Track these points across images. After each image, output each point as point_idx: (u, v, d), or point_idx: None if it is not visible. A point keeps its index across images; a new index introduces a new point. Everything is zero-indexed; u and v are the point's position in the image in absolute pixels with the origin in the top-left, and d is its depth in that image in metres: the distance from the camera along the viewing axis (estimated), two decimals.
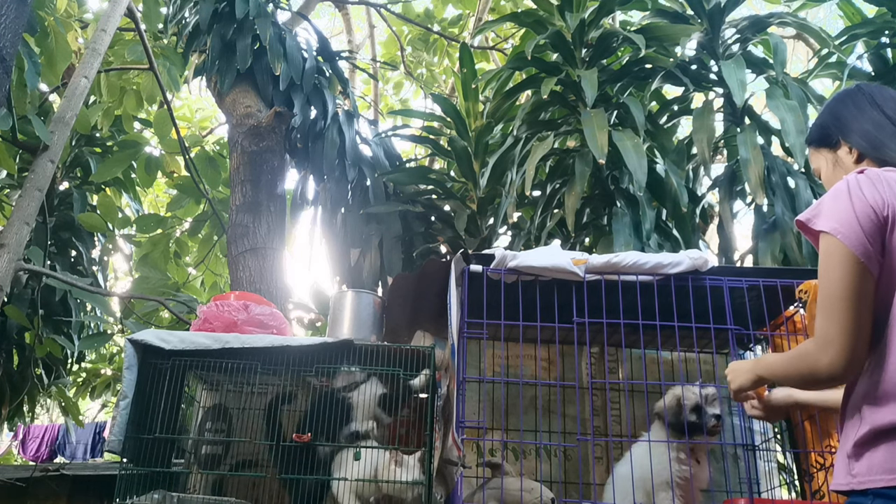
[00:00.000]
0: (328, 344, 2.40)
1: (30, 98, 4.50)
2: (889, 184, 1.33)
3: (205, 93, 6.05)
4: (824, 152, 1.56)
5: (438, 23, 8.15)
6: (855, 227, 1.30)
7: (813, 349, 1.33)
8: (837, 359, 1.29)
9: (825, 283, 1.33)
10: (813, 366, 1.33)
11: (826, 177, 1.56)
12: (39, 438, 9.81)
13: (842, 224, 1.31)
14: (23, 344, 5.81)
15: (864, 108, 1.51)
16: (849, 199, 1.33)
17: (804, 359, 1.35)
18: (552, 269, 2.32)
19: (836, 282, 1.31)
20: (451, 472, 2.35)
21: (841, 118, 1.54)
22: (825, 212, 1.35)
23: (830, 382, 1.35)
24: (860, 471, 1.27)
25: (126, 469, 2.26)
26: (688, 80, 3.59)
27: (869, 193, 1.32)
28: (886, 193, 1.31)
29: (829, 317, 1.31)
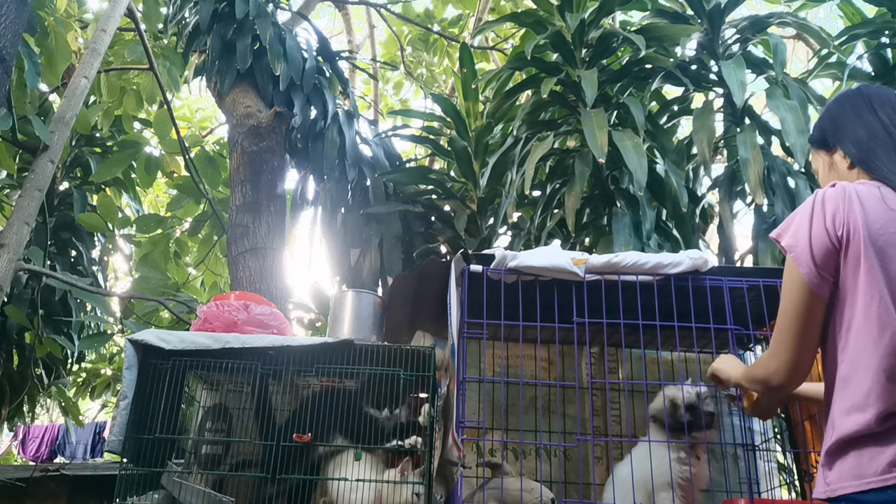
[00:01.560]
0: (328, 344, 2.40)
1: (30, 98, 4.50)
2: (853, 201, 1.33)
3: (205, 93, 6.05)
4: (822, 154, 1.56)
5: (438, 23, 8.15)
6: (807, 250, 1.36)
7: (764, 358, 1.49)
8: (781, 369, 1.43)
9: (782, 297, 1.44)
10: (764, 374, 1.48)
11: (822, 179, 1.57)
12: (39, 438, 9.81)
13: (798, 244, 1.38)
14: (23, 344, 5.81)
15: (861, 114, 1.49)
16: (809, 218, 1.38)
17: (758, 366, 1.51)
18: (552, 269, 2.32)
19: (788, 299, 1.41)
20: (451, 472, 2.35)
21: (837, 122, 1.53)
22: (791, 227, 1.42)
23: (778, 390, 1.48)
24: (832, 479, 1.32)
25: (126, 469, 2.26)
26: (688, 81, 3.59)
27: (830, 212, 1.35)
28: (846, 213, 1.32)
29: (778, 330, 1.44)
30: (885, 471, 1.24)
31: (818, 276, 1.35)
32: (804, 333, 1.39)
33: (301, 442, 2.30)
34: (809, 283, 1.35)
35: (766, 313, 2.29)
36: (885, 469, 1.24)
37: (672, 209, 3.36)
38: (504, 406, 2.62)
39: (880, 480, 1.23)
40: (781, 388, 1.46)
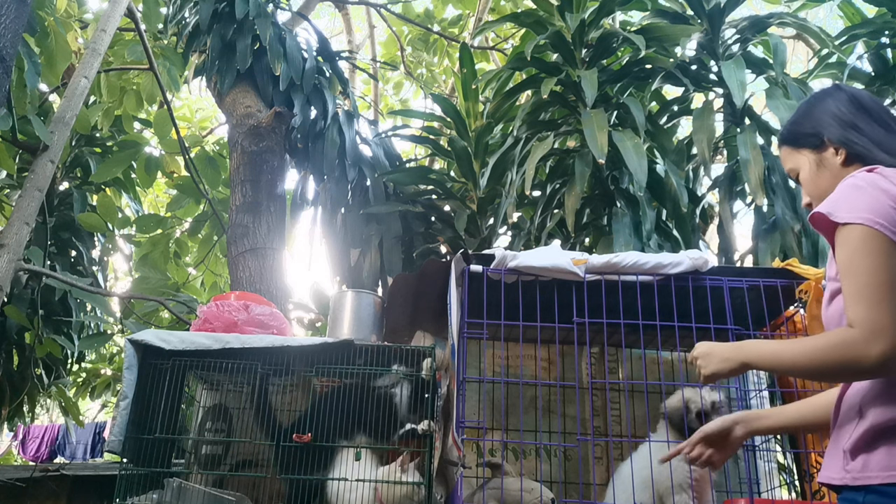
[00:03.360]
0: (328, 344, 2.40)
1: (30, 98, 4.49)
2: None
3: (205, 93, 6.05)
4: (805, 153, 1.52)
5: (438, 23, 8.15)
6: (891, 215, 1.26)
7: (858, 338, 1.22)
8: (890, 348, 1.19)
9: (863, 272, 1.25)
10: (858, 357, 1.21)
11: (807, 178, 1.52)
12: (39, 438, 9.81)
13: (876, 214, 1.26)
14: (23, 344, 5.81)
15: (849, 108, 1.49)
16: (877, 192, 1.29)
17: (842, 348, 1.23)
18: (552, 269, 2.33)
19: (881, 268, 1.23)
20: (451, 472, 2.35)
21: (823, 118, 1.51)
22: (848, 205, 1.30)
23: (880, 375, 1.24)
24: (855, 467, 1.27)
25: (126, 469, 2.26)
26: (688, 81, 3.59)
27: (892, 186, 1.29)
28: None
29: (876, 304, 1.22)
30: None
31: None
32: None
33: (301, 442, 2.30)
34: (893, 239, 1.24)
35: (766, 313, 2.30)
36: None
37: (672, 209, 3.36)
38: (504, 406, 2.62)
39: None
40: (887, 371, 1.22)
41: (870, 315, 1.22)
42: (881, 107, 1.50)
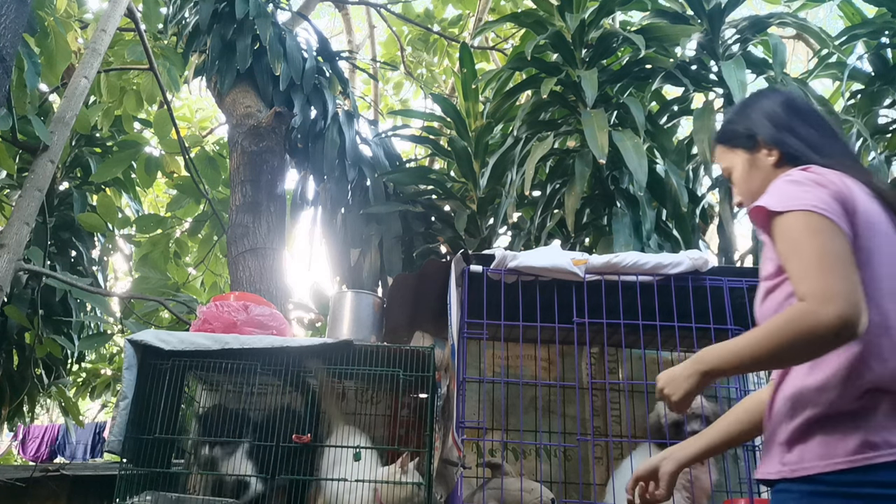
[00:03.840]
0: (328, 344, 2.40)
1: (30, 98, 4.49)
2: (841, 179, 1.33)
3: (205, 93, 6.05)
4: (739, 153, 1.53)
5: (438, 23, 8.15)
6: (832, 204, 1.27)
7: (810, 307, 1.19)
8: (847, 308, 1.17)
9: (810, 250, 1.23)
10: (813, 325, 1.18)
11: (739, 177, 1.53)
12: (39, 438, 9.81)
13: (818, 202, 1.27)
14: (23, 344, 5.81)
15: (782, 109, 1.51)
16: (810, 186, 1.30)
17: (797, 321, 1.20)
18: (552, 269, 2.32)
19: (826, 244, 1.23)
20: (451, 472, 2.35)
21: (758, 119, 1.52)
22: (787, 196, 1.31)
23: (839, 341, 1.20)
24: (792, 459, 1.27)
25: (126, 469, 2.26)
26: (688, 81, 3.59)
27: (835, 185, 1.31)
28: (842, 187, 1.31)
29: (824, 274, 1.20)
30: (854, 451, 1.21)
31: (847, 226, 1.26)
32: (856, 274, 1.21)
33: (301, 442, 2.30)
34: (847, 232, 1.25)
35: None
36: (853, 450, 1.21)
37: (672, 209, 3.36)
38: (504, 406, 2.62)
39: (848, 462, 1.20)
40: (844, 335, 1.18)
41: (819, 284, 1.20)
42: (814, 111, 1.52)
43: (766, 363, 1.31)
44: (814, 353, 1.24)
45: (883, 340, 1.25)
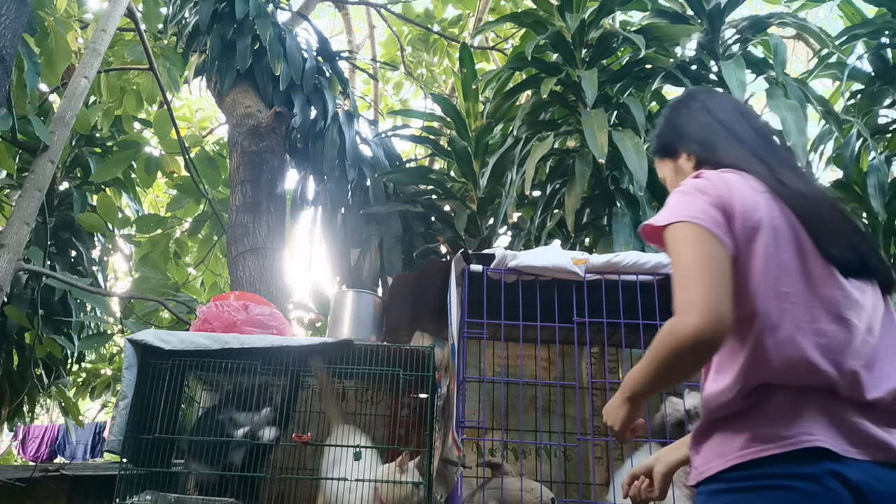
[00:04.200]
0: (328, 344, 2.40)
1: (30, 98, 4.49)
2: (727, 183, 1.36)
3: (205, 93, 6.05)
4: (667, 162, 1.59)
5: (438, 23, 8.15)
6: (707, 210, 1.30)
7: (673, 322, 1.23)
8: (704, 317, 1.19)
9: (681, 263, 1.27)
10: (678, 338, 1.21)
11: (670, 184, 1.58)
12: (39, 438, 9.80)
13: (696, 210, 1.30)
14: (23, 344, 5.81)
15: (697, 115, 1.55)
16: (693, 195, 1.34)
17: (665, 338, 1.23)
18: (552, 268, 2.32)
19: (693, 255, 1.26)
20: (451, 472, 2.35)
21: (676, 127, 1.57)
22: (669, 210, 1.34)
23: (703, 350, 1.21)
24: (698, 462, 1.30)
25: (126, 469, 2.26)
26: (688, 81, 3.58)
27: (717, 190, 1.34)
28: (725, 190, 1.34)
29: (687, 285, 1.24)
30: (743, 447, 1.23)
31: (727, 232, 1.29)
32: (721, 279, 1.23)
33: (301, 442, 2.30)
34: (721, 237, 1.28)
35: None
36: (742, 445, 1.23)
37: None
38: (504, 406, 2.62)
39: (738, 457, 1.23)
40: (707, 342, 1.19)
41: (682, 297, 1.24)
42: (726, 107, 1.55)
43: (663, 379, 1.32)
44: (686, 364, 1.26)
45: (766, 339, 1.26)
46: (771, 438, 1.22)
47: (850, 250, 1.33)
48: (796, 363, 1.24)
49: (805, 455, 1.19)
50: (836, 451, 1.19)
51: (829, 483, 1.17)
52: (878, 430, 1.23)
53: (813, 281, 1.29)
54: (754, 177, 1.38)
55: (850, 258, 1.32)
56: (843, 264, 1.31)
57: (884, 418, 1.25)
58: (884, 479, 1.19)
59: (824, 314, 1.27)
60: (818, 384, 1.24)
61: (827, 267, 1.30)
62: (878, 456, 1.21)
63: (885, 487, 1.19)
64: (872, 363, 1.27)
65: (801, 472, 1.18)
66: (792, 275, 1.29)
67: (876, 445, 1.22)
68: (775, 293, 1.28)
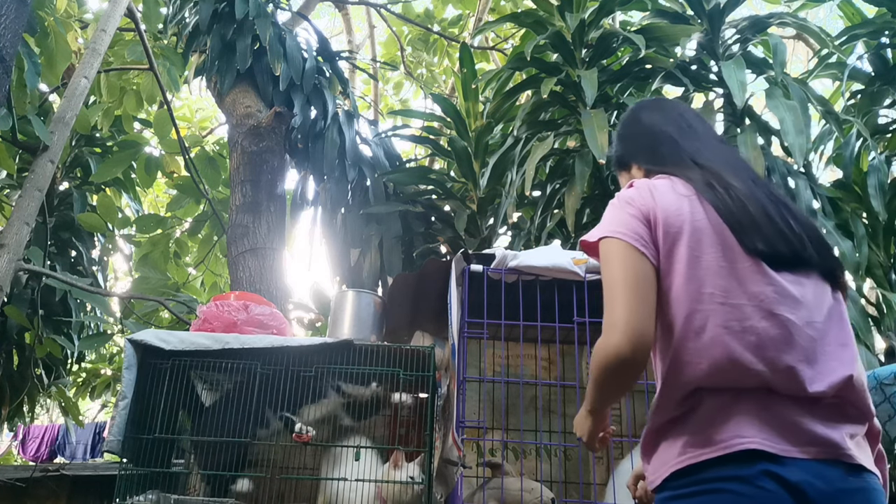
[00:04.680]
0: (328, 344, 2.40)
1: (30, 98, 4.49)
2: (651, 191, 1.39)
3: (205, 93, 6.05)
4: (624, 175, 1.63)
5: (438, 23, 8.15)
6: (630, 225, 1.34)
7: (599, 342, 1.28)
8: (623, 338, 1.24)
9: (607, 281, 1.32)
10: (603, 357, 1.26)
11: None
12: (39, 438, 9.80)
13: (620, 225, 1.35)
14: (23, 344, 5.80)
15: (642, 125, 1.60)
16: (620, 208, 1.38)
17: (595, 358, 1.29)
18: (552, 268, 2.32)
19: (616, 272, 1.30)
20: (451, 472, 2.35)
21: (624, 140, 1.63)
22: (601, 225, 1.39)
23: (627, 368, 1.26)
24: (648, 472, 1.31)
25: (126, 469, 2.26)
26: (688, 81, 3.58)
27: (641, 200, 1.37)
28: (649, 199, 1.37)
29: (610, 305, 1.28)
30: (680, 453, 1.23)
31: (648, 244, 1.33)
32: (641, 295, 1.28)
33: (301, 442, 2.30)
34: (642, 249, 1.31)
35: None
36: (680, 451, 1.24)
37: None
38: (504, 406, 2.62)
39: (676, 463, 1.23)
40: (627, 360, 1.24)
41: (606, 318, 1.28)
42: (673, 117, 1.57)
43: (605, 395, 1.38)
44: (616, 381, 1.30)
45: (689, 344, 1.27)
46: (705, 443, 1.22)
47: (781, 242, 1.31)
48: (724, 364, 1.24)
49: (739, 458, 1.18)
50: (772, 452, 1.18)
51: (764, 484, 1.16)
52: (820, 427, 1.21)
53: (741, 279, 1.28)
54: (684, 180, 1.40)
55: (781, 250, 1.31)
56: (771, 258, 1.30)
57: (829, 414, 1.23)
58: (827, 477, 1.17)
59: (754, 311, 1.26)
60: (752, 384, 1.24)
61: (756, 263, 1.29)
62: (821, 454, 1.19)
63: (828, 486, 1.16)
64: (814, 358, 1.25)
65: (734, 475, 1.18)
66: (717, 275, 1.29)
67: (818, 442, 1.20)
68: (699, 296, 1.28)
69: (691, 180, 1.40)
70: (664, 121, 1.56)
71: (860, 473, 1.20)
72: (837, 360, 1.26)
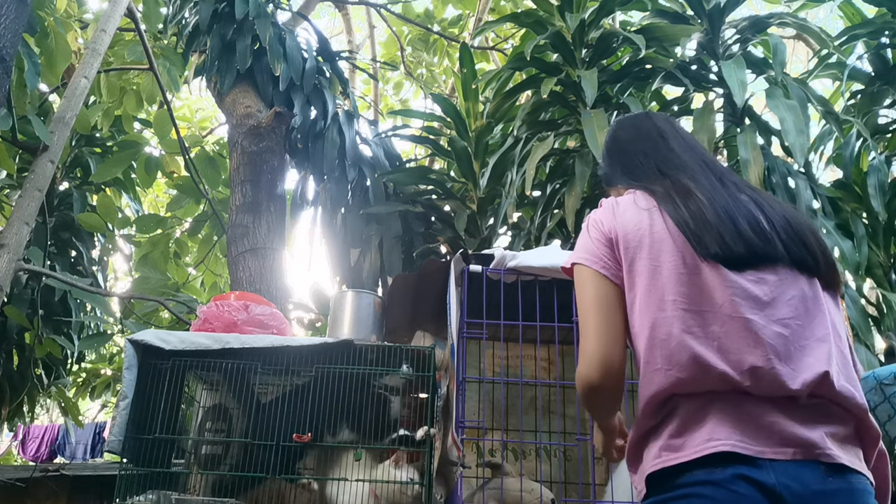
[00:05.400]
0: (328, 344, 2.40)
1: (30, 98, 4.49)
2: (614, 209, 1.43)
3: (205, 93, 6.05)
4: (612, 192, 1.65)
5: (438, 23, 8.15)
6: (593, 250, 1.39)
7: (579, 369, 1.35)
8: (591, 367, 1.32)
9: (580, 310, 1.39)
10: (580, 385, 1.35)
11: None
12: (39, 438, 9.80)
13: (585, 252, 1.40)
14: (23, 344, 5.81)
15: (615, 145, 1.64)
16: (587, 232, 1.44)
17: (577, 383, 1.37)
18: (552, 268, 2.32)
19: (586, 300, 1.37)
20: (450, 472, 2.35)
21: (607, 160, 1.66)
22: (575, 250, 1.44)
23: (600, 394, 1.34)
24: (634, 482, 1.32)
25: (126, 469, 2.26)
26: (688, 81, 3.59)
27: (604, 221, 1.42)
28: (611, 219, 1.41)
29: (584, 335, 1.35)
30: (655, 457, 1.24)
31: (611, 265, 1.37)
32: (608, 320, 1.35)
33: (301, 442, 2.29)
34: (605, 273, 1.36)
35: None
36: (655, 456, 1.24)
37: None
38: (504, 406, 2.62)
39: (651, 466, 1.24)
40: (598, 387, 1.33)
41: (581, 347, 1.36)
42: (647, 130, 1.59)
43: (595, 415, 1.48)
44: (596, 404, 1.40)
45: (657, 352, 1.28)
46: (678, 447, 1.22)
47: (739, 242, 1.30)
48: (692, 369, 1.24)
49: (712, 461, 1.17)
50: (746, 454, 1.16)
51: (737, 488, 1.14)
52: (798, 427, 1.18)
53: (701, 285, 1.29)
54: (648, 193, 1.43)
55: (738, 251, 1.30)
56: (728, 260, 1.29)
57: (807, 413, 1.21)
58: (803, 479, 1.14)
59: (715, 316, 1.26)
60: (724, 387, 1.23)
61: (714, 267, 1.29)
62: (797, 454, 1.17)
63: (804, 488, 1.14)
64: (788, 354, 1.23)
65: (707, 479, 1.17)
66: (678, 283, 1.30)
67: (794, 443, 1.17)
68: (662, 304, 1.29)
69: (654, 192, 1.42)
70: (638, 137, 1.59)
71: (842, 474, 1.17)
72: (813, 356, 1.24)
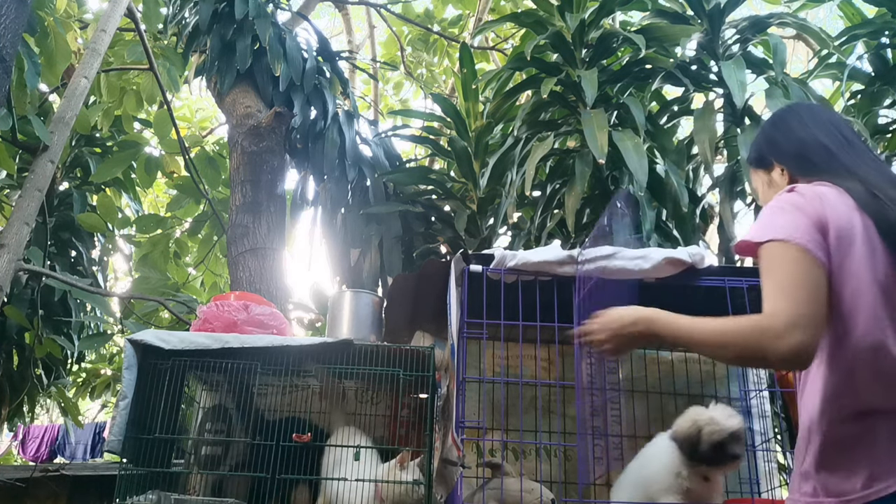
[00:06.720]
0: (328, 344, 2.40)
1: (30, 98, 4.49)
2: (820, 198, 1.36)
3: (205, 93, 6.05)
4: (760, 173, 1.60)
5: (438, 23, 8.15)
6: (806, 230, 1.31)
7: (775, 327, 1.22)
8: (803, 345, 1.21)
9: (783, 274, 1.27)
10: (769, 344, 1.22)
11: (762, 197, 1.60)
12: (39, 438, 9.81)
13: (794, 230, 1.31)
14: (23, 344, 5.81)
15: (794, 130, 1.55)
16: (791, 212, 1.34)
17: (757, 334, 1.23)
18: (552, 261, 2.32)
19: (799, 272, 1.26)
20: (450, 472, 2.35)
21: (773, 140, 1.59)
22: (768, 226, 1.35)
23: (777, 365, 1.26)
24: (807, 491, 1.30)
25: (126, 469, 2.26)
26: (688, 81, 3.59)
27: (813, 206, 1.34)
28: (819, 206, 1.34)
29: (794, 299, 1.23)
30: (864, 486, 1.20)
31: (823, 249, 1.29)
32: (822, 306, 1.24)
33: (300, 442, 2.30)
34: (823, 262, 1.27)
35: None
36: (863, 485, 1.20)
37: (672, 209, 3.36)
38: (504, 406, 2.62)
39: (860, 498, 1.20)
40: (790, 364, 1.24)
41: (789, 307, 1.23)
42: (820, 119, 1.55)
43: (706, 351, 1.38)
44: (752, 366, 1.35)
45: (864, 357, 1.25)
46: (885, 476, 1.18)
47: None
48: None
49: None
50: None
51: None
52: None
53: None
54: (845, 191, 1.37)
55: None
56: None
57: None
58: None
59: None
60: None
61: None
62: None
63: None
64: None
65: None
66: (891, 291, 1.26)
67: None
68: (874, 311, 1.25)
69: (850, 191, 1.37)
70: (817, 129, 1.53)
71: None
72: None
